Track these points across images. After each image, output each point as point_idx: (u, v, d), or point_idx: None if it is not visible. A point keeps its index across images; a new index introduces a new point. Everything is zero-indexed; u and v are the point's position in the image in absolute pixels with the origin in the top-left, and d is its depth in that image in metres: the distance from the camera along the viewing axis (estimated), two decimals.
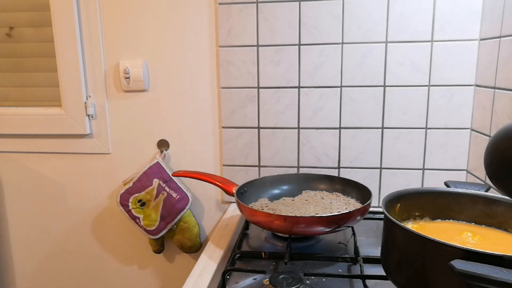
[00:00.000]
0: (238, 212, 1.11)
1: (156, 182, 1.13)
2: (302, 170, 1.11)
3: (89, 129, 1.18)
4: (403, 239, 0.57)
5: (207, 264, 0.83)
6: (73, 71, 1.14)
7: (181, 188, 1.13)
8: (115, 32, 1.12)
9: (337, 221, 0.79)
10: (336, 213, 0.78)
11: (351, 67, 1.03)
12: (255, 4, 1.04)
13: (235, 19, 1.05)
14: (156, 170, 1.13)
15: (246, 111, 1.10)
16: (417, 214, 0.70)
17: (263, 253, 0.83)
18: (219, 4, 1.05)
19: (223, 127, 1.12)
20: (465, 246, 0.49)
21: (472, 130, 1.01)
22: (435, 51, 0.99)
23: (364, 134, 1.06)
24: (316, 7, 1.01)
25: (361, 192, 0.94)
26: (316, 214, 0.87)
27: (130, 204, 1.13)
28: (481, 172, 0.96)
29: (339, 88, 1.05)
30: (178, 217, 1.13)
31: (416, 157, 1.05)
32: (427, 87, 1.01)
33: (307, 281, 0.72)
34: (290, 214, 0.85)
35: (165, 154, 1.17)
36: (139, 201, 1.13)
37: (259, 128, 1.10)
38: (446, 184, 0.74)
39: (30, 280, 1.34)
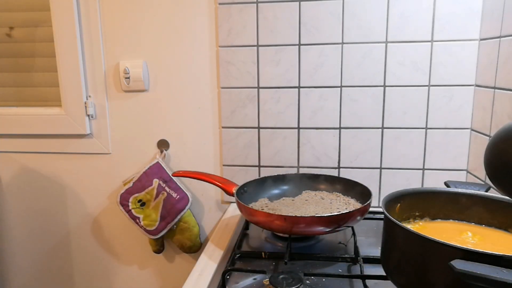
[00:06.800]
0: (238, 212, 1.11)
1: (156, 182, 1.13)
2: (302, 170, 1.11)
3: (89, 129, 1.18)
4: (403, 239, 0.57)
5: (207, 264, 0.83)
6: (73, 71, 1.14)
7: (181, 188, 1.13)
8: (115, 32, 1.12)
9: (337, 221, 0.79)
10: (336, 213, 0.78)
11: (351, 67, 1.03)
12: (255, 4, 1.04)
13: (235, 19, 1.05)
14: (156, 170, 1.13)
15: (246, 111, 1.10)
16: (417, 214, 0.70)
17: (263, 253, 0.83)
18: (219, 4, 1.05)
19: (223, 127, 1.12)
20: (465, 246, 0.49)
21: (472, 130, 1.01)
22: (435, 51, 0.99)
23: (364, 134, 1.06)
24: (316, 7, 1.01)
25: (361, 192, 0.94)
26: (316, 214, 0.87)
27: (130, 204, 1.13)
28: (481, 172, 0.96)
29: (339, 88, 1.05)
30: (178, 217, 1.13)
31: (416, 157, 1.05)
32: (427, 87, 1.01)
33: (307, 281, 0.72)
34: (290, 214, 0.85)
35: (165, 154, 1.16)
36: (139, 201, 1.13)
37: (259, 128, 1.10)
38: (446, 184, 0.74)
39: (30, 279, 1.34)
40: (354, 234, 0.87)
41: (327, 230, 0.80)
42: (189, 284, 0.75)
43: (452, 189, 0.70)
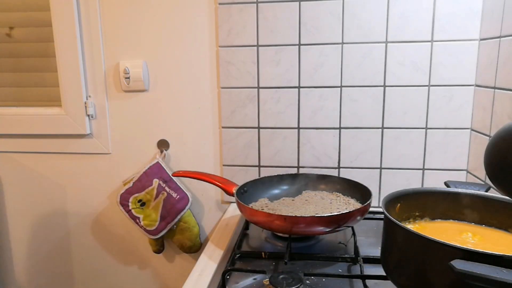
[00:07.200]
0: (238, 212, 1.11)
1: (156, 182, 1.13)
2: (302, 170, 1.11)
3: (89, 129, 1.18)
4: (403, 239, 0.57)
5: (207, 264, 0.83)
6: (73, 71, 1.14)
7: (181, 188, 1.13)
8: (115, 32, 1.12)
9: (337, 221, 0.79)
10: (336, 213, 0.78)
11: (351, 67, 1.03)
12: (255, 4, 1.04)
13: (235, 19, 1.05)
14: (156, 170, 1.13)
15: (246, 111, 1.10)
16: (417, 214, 0.70)
17: (263, 253, 0.83)
18: (219, 4, 1.05)
19: (223, 127, 1.12)
20: (465, 246, 0.49)
21: (472, 130, 1.01)
22: (435, 51, 0.99)
23: (364, 134, 1.06)
24: (316, 7, 1.01)
25: (361, 192, 0.94)
26: (316, 214, 0.87)
27: (130, 204, 1.13)
28: (481, 172, 0.96)
29: (339, 88, 1.05)
30: (178, 217, 1.13)
31: (416, 157, 1.05)
32: (427, 87, 1.01)
33: (307, 281, 0.72)
34: (290, 214, 0.85)
35: (165, 154, 1.16)
36: (139, 201, 1.13)
37: (259, 128, 1.10)
38: (446, 184, 0.74)
39: (30, 279, 1.34)
40: (354, 234, 0.87)
41: (327, 230, 0.80)
42: (189, 284, 0.75)
43: (452, 189, 0.70)
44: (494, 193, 0.67)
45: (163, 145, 1.17)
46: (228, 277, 0.75)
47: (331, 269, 0.78)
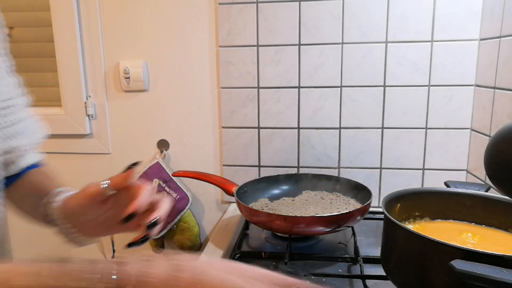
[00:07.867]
0: (238, 212, 1.11)
1: (156, 182, 1.13)
2: (302, 170, 1.11)
3: (89, 129, 1.18)
4: (403, 239, 0.57)
5: None
6: (73, 71, 1.14)
7: (181, 188, 1.13)
8: (115, 32, 1.12)
9: (337, 221, 0.79)
10: (336, 213, 0.78)
11: (351, 67, 1.03)
12: (255, 4, 1.04)
13: (235, 19, 1.05)
14: (156, 170, 1.13)
15: (246, 111, 1.10)
16: (417, 214, 0.70)
17: (263, 253, 0.83)
18: (219, 4, 1.05)
19: (223, 127, 1.12)
20: (465, 246, 0.49)
21: (472, 130, 1.01)
22: (435, 51, 0.99)
23: (364, 134, 1.06)
24: (316, 7, 1.01)
25: (361, 192, 0.94)
26: (316, 214, 0.87)
27: None
28: (481, 172, 0.96)
29: (339, 88, 1.05)
30: (178, 217, 1.12)
31: (416, 157, 1.05)
32: (427, 87, 1.01)
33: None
34: (290, 214, 0.85)
35: (165, 154, 1.16)
36: None
37: (259, 128, 1.10)
38: (446, 184, 0.74)
39: None
40: (354, 234, 0.87)
41: (327, 230, 0.80)
42: None
43: (452, 189, 0.70)
44: (494, 193, 0.67)
45: (163, 145, 1.17)
46: None
47: (331, 269, 0.78)
